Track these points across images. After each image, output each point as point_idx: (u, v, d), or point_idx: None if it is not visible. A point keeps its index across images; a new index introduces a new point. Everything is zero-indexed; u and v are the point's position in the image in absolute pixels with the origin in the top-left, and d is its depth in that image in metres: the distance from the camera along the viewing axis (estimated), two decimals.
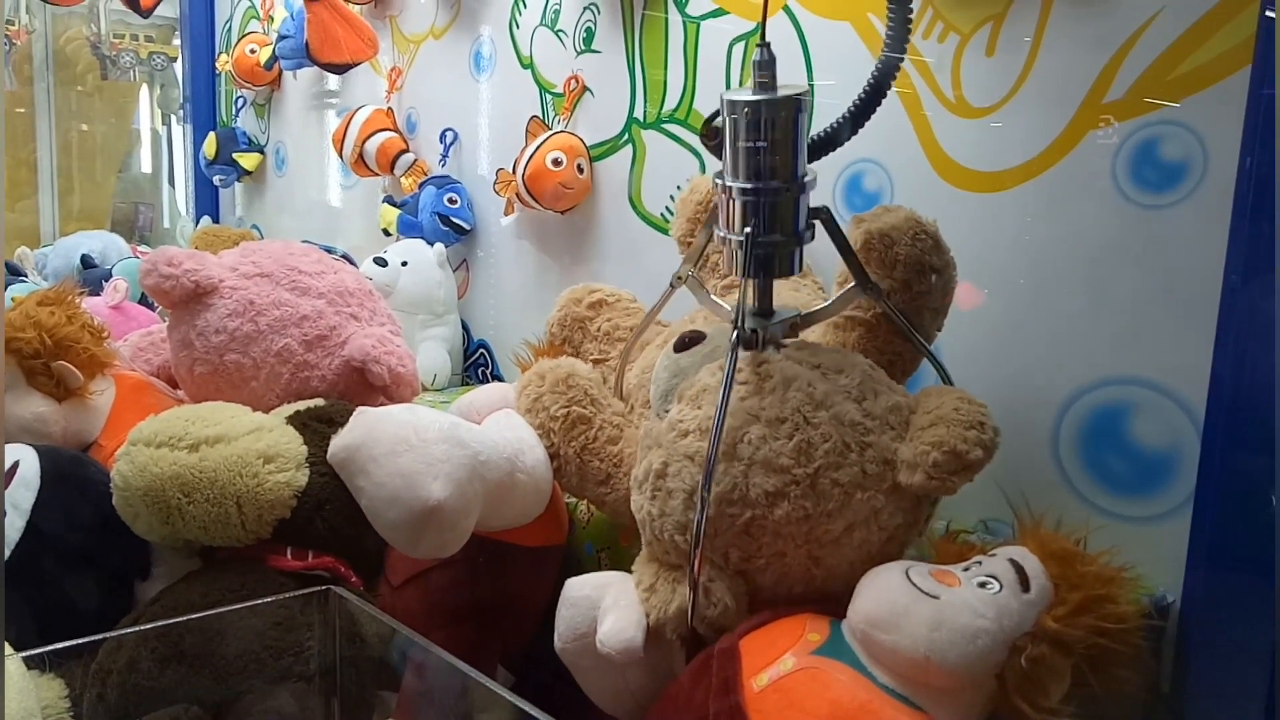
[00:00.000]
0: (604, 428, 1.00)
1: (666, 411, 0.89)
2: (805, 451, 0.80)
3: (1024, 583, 0.72)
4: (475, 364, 1.80)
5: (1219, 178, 0.88)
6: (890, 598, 0.72)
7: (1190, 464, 0.91)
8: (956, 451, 0.78)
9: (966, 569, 0.75)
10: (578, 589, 0.86)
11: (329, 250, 1.46)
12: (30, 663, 0.86)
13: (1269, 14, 0.82)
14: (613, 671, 0.83)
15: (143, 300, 1.76)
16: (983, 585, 0.72)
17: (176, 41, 3.04)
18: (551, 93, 1.57)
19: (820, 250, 1.06)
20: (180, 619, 0.89)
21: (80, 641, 0.88)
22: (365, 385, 1.18)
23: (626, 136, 1.45)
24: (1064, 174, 0.99)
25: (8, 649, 0.80)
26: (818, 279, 1.19)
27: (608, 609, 0.82)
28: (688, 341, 0.91)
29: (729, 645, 0.77)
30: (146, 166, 3.81)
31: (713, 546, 0.82)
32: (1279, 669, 0.80)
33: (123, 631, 0.91)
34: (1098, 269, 0.97)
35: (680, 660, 0.83)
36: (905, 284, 0.92)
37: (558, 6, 1.54)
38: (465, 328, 1.79)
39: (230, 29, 2.48)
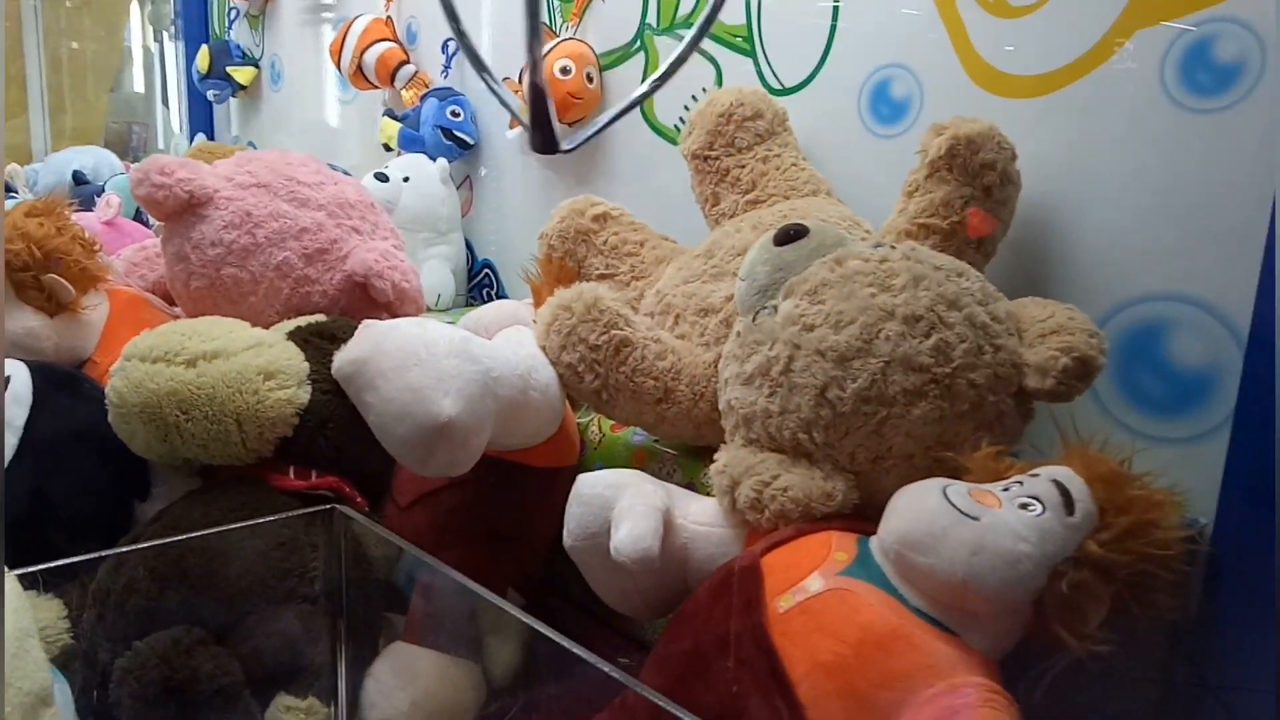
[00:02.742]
0: (648, 345, 0.95)
1: (769, 307, 0.84)
2: (943, 351, 0.78)
3: (1068, 505, 0.69)
4: (480, 284, 1.75)
5: (1275, 78, 0.82)
6: (928, 518, 0.68)
7: (1230, 384, 0.87)
8: (1086, 357, 0.79)
9: (1006, 489, 0.71)
10: (590, 486, 0.82)
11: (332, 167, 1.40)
12: (27, 582, 0.83)
13: None
14: (623, 573, 0.80)
15: (137, 216, 1.71)
16: (1024, 507, 0.69)
17: None
18: None
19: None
20: (180, 538, 0.86)
21: (76, 560, 0.85)
22: (368, 301, 1.14)
23: (639, 44, 1.38)
24: (1108, 77, 0.93)
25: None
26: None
27: (622, 514, 0.79)
28: (791, 235, 0.86)
29: (750, 563, 0.74)
30: (139, 85, 3.73)
31: (839, 446, 0.80)
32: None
33: (121, 550, 0.88)
34: (1139, 179, 0.92)
35: (692, 567, 0.81)
36: (987, 190, 0.92)
37: None
38: (469, 246, 1.74)
39: None
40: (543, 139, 0.54)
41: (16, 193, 2.03)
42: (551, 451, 1.01)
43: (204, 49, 2.34)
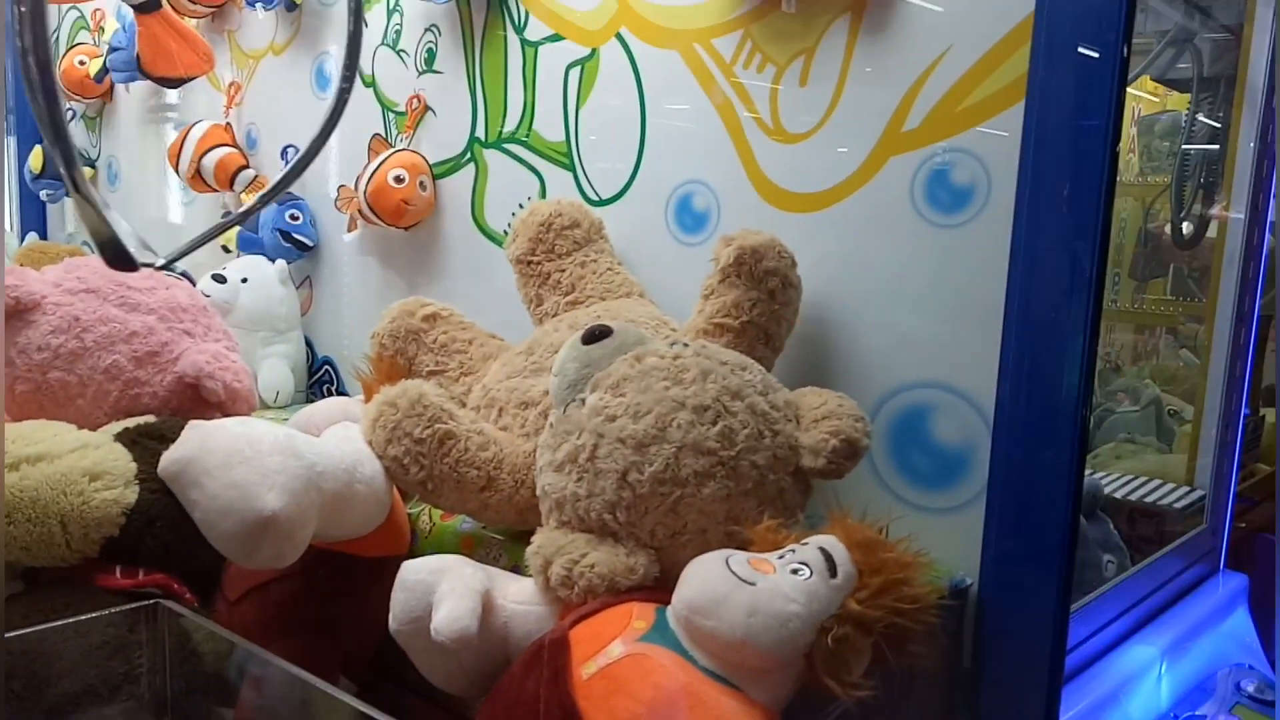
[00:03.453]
0: (471, 437, 1.01)
1: (577, 400, 0.92)
2: (728, 436, 0.88)
3: (832, 569, 0.78)
4: (320, 381, 1.78)
5: (1001, 199, 0.98)
6: (711, 585, 0.77)
7: (983, 459, 1.01)
8: (851, 439, 0.90)
9: (781, 557, 0.80)
10: (413, 573, 0.87)
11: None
12: None
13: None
14: (447, 653, 0.85)
15: None
16: (795, 572, 0.78)
17: None
18: (394, 111, 1.58)
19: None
20: None
21: None
22: (200, 402, 1.17)
23: (469, 155, 1.48)
24: (869, 196, 1.07)
25: None
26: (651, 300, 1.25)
27: (443, 596, 0.84)
28: (597, 335, 0.94)
29: (559, 635, 0.81)
30: None
31: (640, 524, 0.88)
32: None
33: None
34: (899, 283, 1.06)
35: (512, 643, 0.87)
36: (771, 294, 1.04)
37: (399, 26, 1.56)
38: (309, 344, 1.78)
39: (58, 39, 2.38)
40: (114, 257, 0.58)
41: None
42: (380, 541, 1.05)
43: (37, 149, 2.31)
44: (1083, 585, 1.51)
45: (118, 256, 0.58)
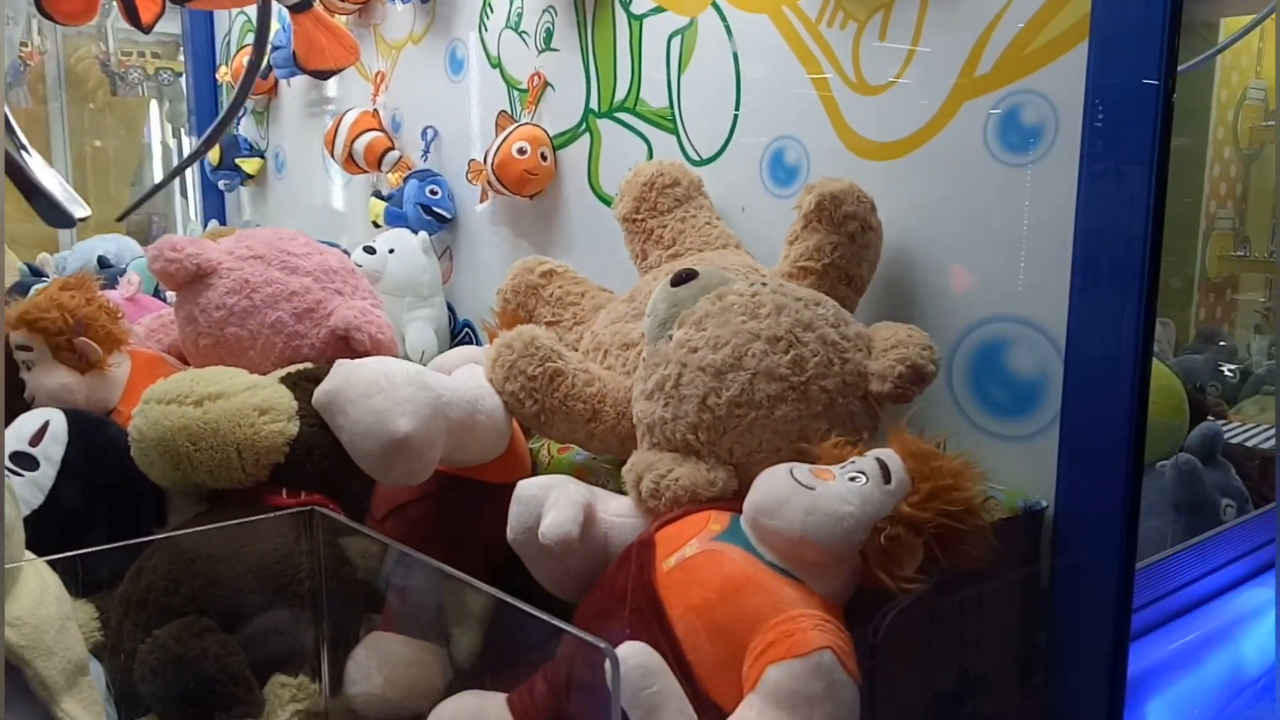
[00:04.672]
0: (578, 374, 1.13)
1: (665, 336, 1.03)
2: (799, 364, 0.97)
3: (886, 476, 0.87)
4: (461, 341, 1.95)
5: (1068, 136, 1.02)
6: (774, 490, 0.87)
7: (1056, 388, 1.05)
8: (917, 365, 0.98)
9: (843, 468, 0.89)
10: (527, 489, 1.00)
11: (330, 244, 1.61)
12: (67, 579, 1.01)
13: None
14: (554, 559, 0.98)
15: (155, 292, 1.92)
16: (852, 479, 0.87)
17: (182, 58, 3.21)
18: (517, 89, 1.72)
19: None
20: (190, 529, 1.05)
21: (90, 551, 1.02)
22: (349, 352, 1.33)
23: (584, 125, 1.60)
24: (946, 140, 1.13)
25: (40, 561, 0.95)
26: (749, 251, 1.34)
27: (549, 507, 0.97)
28: (684, 278, 1.05)
29: (646, 537, 0.92)
30: (158, 179, 3.97)
31: (719, 443, 0.98)
32: None
33: (125, 544, 1.05)
34: (975, 222, 1.11)
35: (611, 552, 0.98)
36: (851, 237, 1.11)
37: (520, 9, 1.69)
38: (451, 309, 1.95)
39: (229, 42, 2.65)
40: (52, 217, 0.67)
41: (47, 277, 2.26)
42: (503, 468, 1.19)
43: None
44: (1197, 526, 1.52)
45: (54, 215, 0.68)
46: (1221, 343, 2.20)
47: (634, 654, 0.79)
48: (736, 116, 1.36)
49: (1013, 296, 1.09)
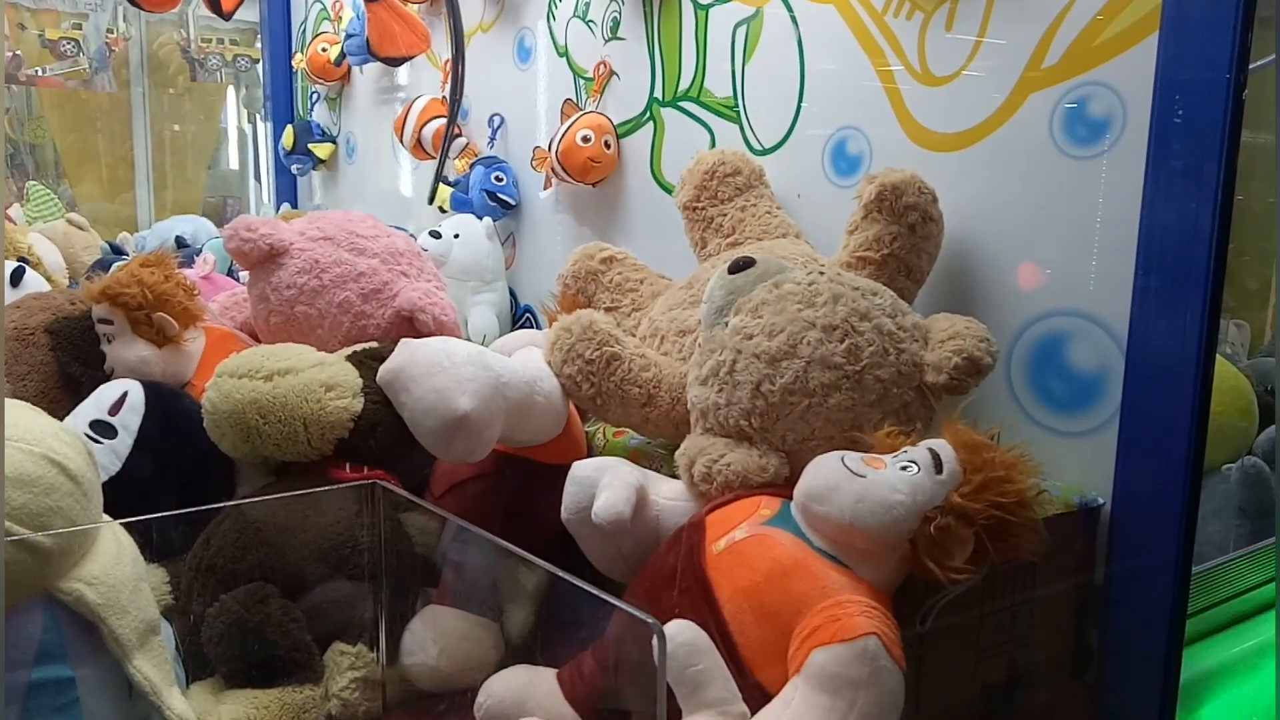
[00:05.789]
0: (634, 359, 1.15)
1: (721, 323, 1.04)
2: (854, 353, 0.97)
3: (938, 466, 0.87)
4: (522, 326, 1.98)
5: (1135, 130, 1.01)
6: (825, 476, 0.87)
7: (1116, 383, 1.04)
8: (973, 357, 0.97)
9: (895, 457, 0.89)
10: (581, 470, 1.02)
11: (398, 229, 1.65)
12: (141, 542, 1.05)
13: None
14: (607, 539, 1.00)
15: (229, 272, 1.99)
16: (904, 469, 0.87)
17: (259, 45, 3.29)
18: (583, 77, 1.74)
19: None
20: (258, 498, 1.08)
21: (163, 515, 1.06)
22: (414, 332, 1.36)
23: (648, 114, 1.61)
24: (1011, 132, 1.12)
25: (117, 524, 0.99)
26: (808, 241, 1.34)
27: (603, 488, 0.98)
28: (741, 265, 1.06)
29: (698, 519, 0.94)
30: (234, 163, 4.08)
31: (772, 430, 0.99)
32: None
33: (195, 509, 1.09)
34: (1038, 214, 1.10)
35: (662, 534, 1.00)
36: (911, 228, 1.11)
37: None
38: (513, 294, 1.98)
39: (305, 30, 2.71)
40: None
41: (127, 255, 2.34)
42: (559, 450, 1.21)
43: (289, 128, 2.64)
44: (1261, 531, 1.49)
45: None
46: None
47: (681, 631, 0.81)
48: (800, 106, 1.36)
49: (1075, 291, 1.08)
